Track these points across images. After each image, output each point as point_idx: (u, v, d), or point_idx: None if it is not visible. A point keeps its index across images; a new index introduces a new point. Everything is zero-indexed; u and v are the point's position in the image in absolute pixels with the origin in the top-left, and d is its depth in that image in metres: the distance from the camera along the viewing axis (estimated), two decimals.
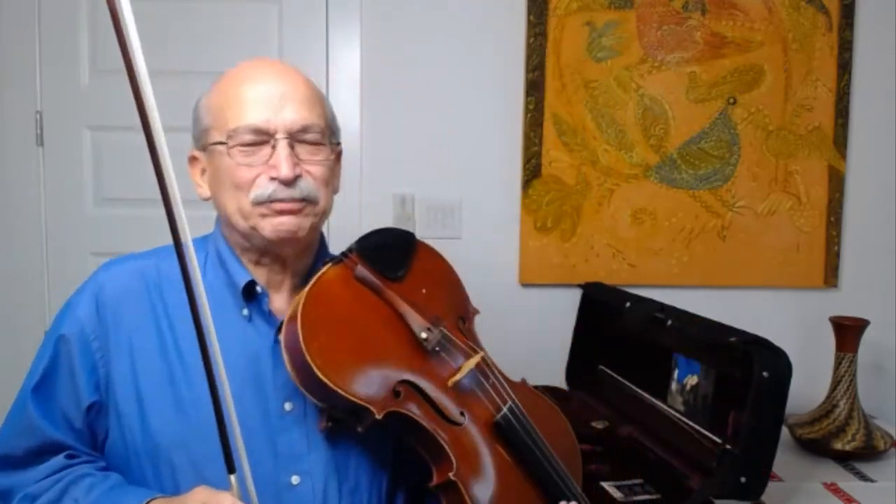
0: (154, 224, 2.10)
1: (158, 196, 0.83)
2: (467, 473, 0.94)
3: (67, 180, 2.09)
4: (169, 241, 1.09)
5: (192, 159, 1.05)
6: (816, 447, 1.68)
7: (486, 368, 1.03)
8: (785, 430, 1.49)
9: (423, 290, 1.03)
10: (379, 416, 0.90)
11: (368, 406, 0.90)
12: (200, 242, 1.08)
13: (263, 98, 0.98)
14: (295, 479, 0.98)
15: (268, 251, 1.02)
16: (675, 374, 1.55)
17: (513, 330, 2.09)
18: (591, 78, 2.04)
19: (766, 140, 2.07)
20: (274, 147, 0.98)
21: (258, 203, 0.98)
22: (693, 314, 1.55)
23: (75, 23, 2.04)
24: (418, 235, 2.19)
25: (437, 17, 2.04)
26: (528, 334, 2.09)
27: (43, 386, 1.00)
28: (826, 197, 2.09)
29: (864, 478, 1.57)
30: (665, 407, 1.56)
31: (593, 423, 1.69)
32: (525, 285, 2.09)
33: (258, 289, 1.01)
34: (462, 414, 0.97)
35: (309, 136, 1.00)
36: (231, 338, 0.98)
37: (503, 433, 1.00)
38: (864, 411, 1.70)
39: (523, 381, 1.10)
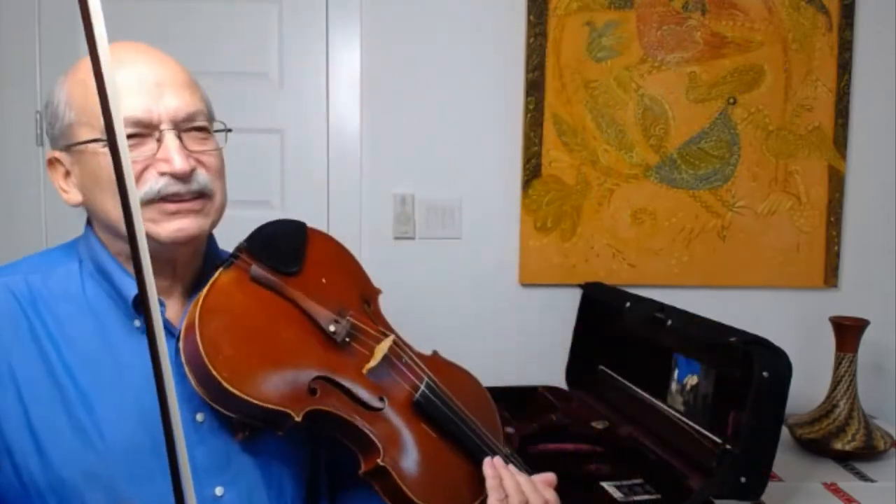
0: None
1: None
2: (394, 456, 0.93)
3: None
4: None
5: (54, 162, 0.92)
6: (816, 447, 1.68)
7: (398, 350, 1.01)
8: (785, 430, 1.49)
9: (323, 280, 0.99)
10: (298, 419, 0.86)
11: (286, 410, 0.86)
12: (66, 250, 0.99)
13: (138, 85, 0.87)
14: (219, 491, 0.91)
15: (157, 257, 0.88)
16: (675, 374, 1.55)
17: (513, 330, 2.10)
18: (591, 78, 2.04)
19: (766, 140, 2.07)
20: (160, 140, 0.87)
21: (148, 202, 0.87)
22: (693, 314, 1.55)
23: (75, 23, 2.04)
24: (418, 236, 2.21)
25: (437, 17, 2.04)
26: (528, 334, 2.09)
27: None
28: (826, 197, 2.09)
29: (864, 478, 1.57)
30: (665, 407, 1.57)
31: (593, 423, 1.69)
32: (525, 285, 2.09)
33: None
34: (381, 399, 0.96)
35: (196, 124, 0.91)
36: (127, 352, 0.90)
37: (423, 410, 0.99)
38: (864, 411, 1.70)
39: (434, 353, 1.09)
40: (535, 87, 2.03)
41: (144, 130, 0.87)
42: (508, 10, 2.03)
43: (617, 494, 1.40)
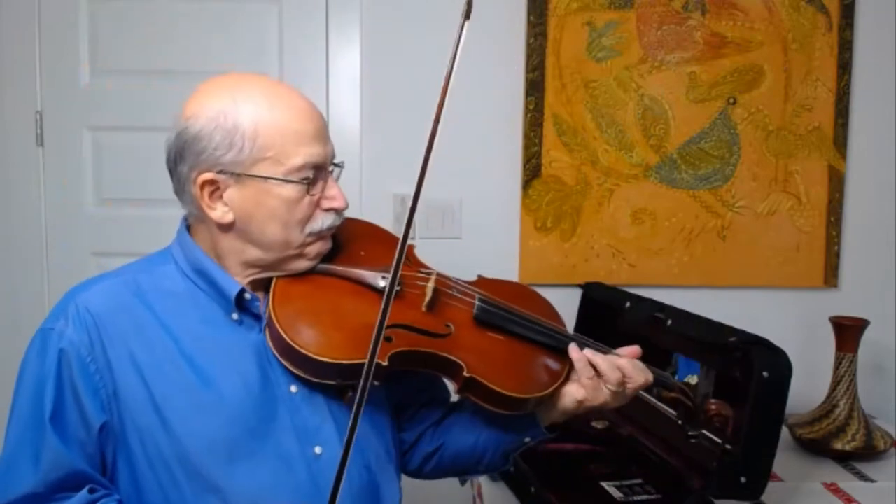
0: (154, 223, 2.10)
1: (158, 196, 0.82)
2: (477, 365, 1.06)
3: (67, 180, 2.09)
4: (167, 244, 1.12)
5: (210, 182, 1.00)
6: (816, 447, 1.68)
7: (445, 282, 1.15)
8: (785, 430, 1.48)
9: (362, 252, 1.14)
10: (385, 363, 0.99)
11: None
12: (161, 255, 1.09)
13: (316, 133, 1.02)
14: (318, 450, 1.04)
15: (282, 267, 1.06)
16: (675, 374, 1.55)
17: None
18: (591, 78, 2.04)
19: (766, 140, 2.07)
20: (324, 179, 1.04)
21: (312, 234, 1.03)
22: (693, 314, 1.55)
23: (75, 23, 2.04)
24: (418, 235, 2.21)
25: (437, 17, 2.04)
26: None
27: (57, 413, 0.97)
28: (826, 197, 2.09)
29: (864, 478, 1.57)
30: (665, 407, 1.56)
31: (593, 423, 1.69)
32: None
33: (247, 296, 1.04)
34: (447, 325, 1.09)
35: (335, 163, 1.07)
36: (230, 339, 1.03)
37: (485, 321, 1.12)
38: (864, 411, 1.70)
39: (480, 277, 1.24)
40: (535, 87, 2.03)
41: (318, 173, 1.02)
42: (508, 10, 2.03)
43: (617, 494, 1.41)
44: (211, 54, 2.04)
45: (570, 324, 1.98)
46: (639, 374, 1.11)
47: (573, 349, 1.12)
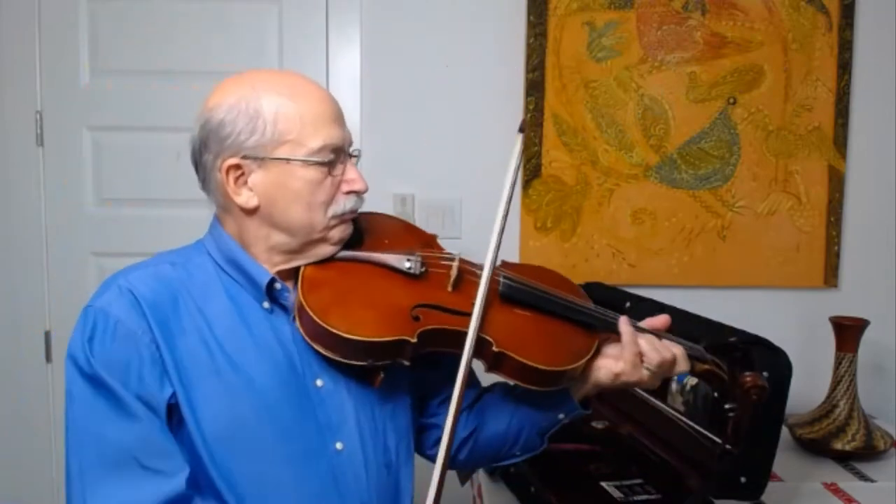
0: (153, 223, 2.10)
1: (158, 196, 0.83)
2: (505, 339, 1.07)
3: (67, 180, 2.09)
4: (167, 244, 1.13)
5: (235, 168, 1.03)
6: (816, 447, 1.68)
7: (468, 264, 1.17)
8: (785, 430, 1.49)
9: (385, 241, 1.17)
10: (414, 340, 1.01)
11: (402, 337, 1.01)
12: (195, 247, 1.11)
13: (332, 117, 1.05)
14: (339, 445, 1.06)
15: (306, 252, 1.09)
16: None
17: None
18: (591, 78, 2.04)
19: (766, 140, 2.07)
20: (343, 163, 1.07)
21: (335, 216, 1.06)
22: (693, 314, 1.55)
23: (75, 23, 2.04)
24: None
25: (437, 17, 2.04)
26: None
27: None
28: (826, 197, 2.09)
29: (864, 478, 1.57)
30: (665, 407, 1.56)
31: (593, 423, 1.69)
32: None
33: (278, 285, 1.07)
34: (473, 304, 1.08)
35: (354, 150, 1.10)
36: (260, 329, 1.05)
37: (511, 297, 1.14)
38: (864, 411, 1.70)
39: (503, 262, 1.24)
40: (535, 87, 2.03)
41: (338, 156, 1.05)
42: (508, 10, 2.03)
43: (617, 494, 1.40)
44: (211, 54, 2.04)
45: None
46: (666, 352, 1.12)
47: (623, 322, 1.12)
